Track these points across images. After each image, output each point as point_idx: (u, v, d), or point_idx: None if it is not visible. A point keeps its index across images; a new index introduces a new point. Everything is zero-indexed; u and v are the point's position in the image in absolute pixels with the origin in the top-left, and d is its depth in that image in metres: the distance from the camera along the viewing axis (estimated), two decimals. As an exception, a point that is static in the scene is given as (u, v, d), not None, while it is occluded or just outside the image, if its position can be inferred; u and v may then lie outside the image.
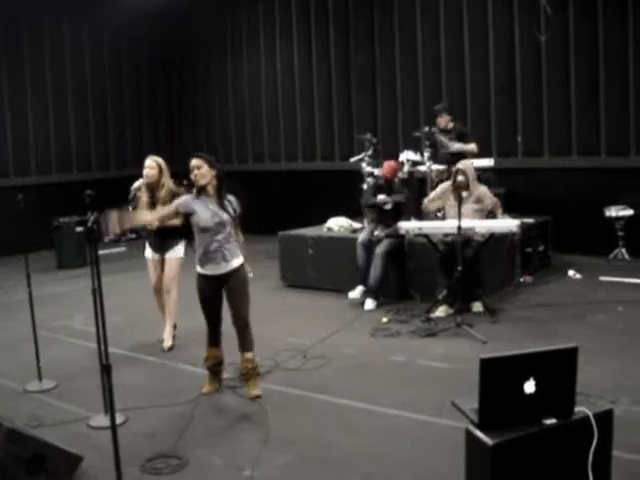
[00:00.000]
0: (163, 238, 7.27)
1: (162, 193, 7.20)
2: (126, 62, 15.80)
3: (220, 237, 5.67)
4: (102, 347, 4.54)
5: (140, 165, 7.46)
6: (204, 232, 5.68)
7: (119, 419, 4.97)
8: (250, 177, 15.18)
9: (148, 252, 7.46)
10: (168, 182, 7.28)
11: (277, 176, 14.91)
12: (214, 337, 5.96)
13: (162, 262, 7.39)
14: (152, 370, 6.71)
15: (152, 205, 7.13)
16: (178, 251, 7.36)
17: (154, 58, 16.26)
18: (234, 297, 5.77)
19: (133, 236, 14.15)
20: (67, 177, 14.49)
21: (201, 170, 5.66)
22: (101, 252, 4.86)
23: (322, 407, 5.47)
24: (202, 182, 5.66)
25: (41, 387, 6.18)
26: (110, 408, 4.10)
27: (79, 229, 12.08)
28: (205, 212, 5.67)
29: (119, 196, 14.46)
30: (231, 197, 5.87)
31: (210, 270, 5.72)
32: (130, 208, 7.29)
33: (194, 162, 5.69)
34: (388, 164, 9.14)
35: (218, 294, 5.80)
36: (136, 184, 7.42)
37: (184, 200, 5.83)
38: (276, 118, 14.95)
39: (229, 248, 5.70)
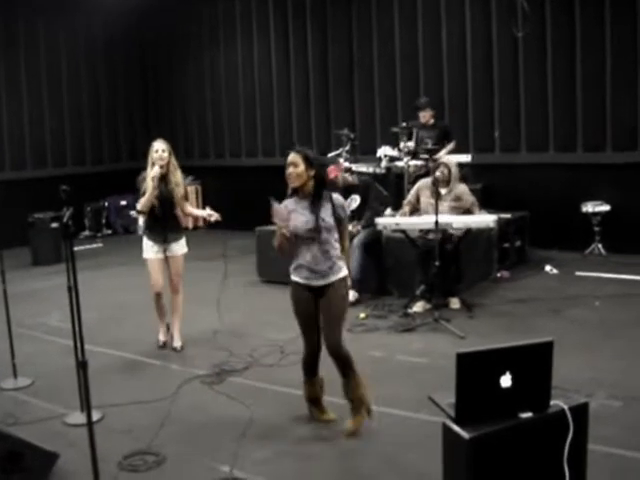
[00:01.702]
0: (169, 227, 6.94)
1: (177, 177, 6.90)
2: (101, 55, 15.63)
3: (315, 246, 4.94)
4: (78, 344, 4.52)
5: (116, 160, 7.37)
6: (297, 239, 4.97)
7: (95, 416, 4.94)
8: (227, 172, 15.15)
9: (149, 251, 6.95)
10: (177, 164, 7.00)
11: (254, 171, 14.87)
12: (309, 363, 5.20)
13: (165, 261, 7.00)
14: (129, 366, 6.67)
15: (164, 195, 6.80)
16: (183, 245, 7.06)
17: (130, 51, 16.13)
18: (326, 315, 5.00)
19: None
20: (42, 172, 14.34)
21: (297, 169, 4.96)
22: (77, 248, 4.82)
23: (300, 403, 5.46)
24: (296, 183, 4.99)
25: (16, 384, 6.14)
26: (86, 405, 4.07)
27: (54, 225, 11.98)
28: (298, 217, 4.95)
29: (95, 191, 14.64)
30: (337, 197, 5.11)
31: (304, 280, 5.02)
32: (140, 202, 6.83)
33: (291, 158, 5.00)
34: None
35: (314, 306, 5.05)
36: (153, 173, 6.74)
37: (280, 210, 4.94)
38: (253, 113, 14.90)
39: (325, 259, 4.95)
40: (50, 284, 10.06)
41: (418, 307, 8.05)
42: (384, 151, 10.01)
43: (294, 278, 5.08)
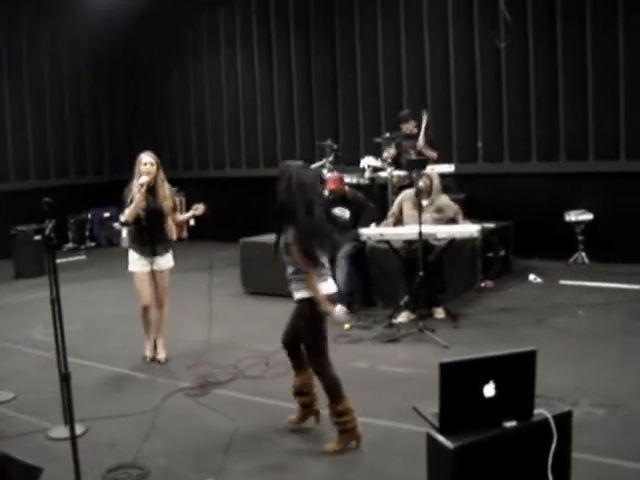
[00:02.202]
0: (157, 240, 6.81)
1: (165, 190, 6.80)
2: (85, 68, 15.60)
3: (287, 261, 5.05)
4: (61, 357, 4.50)
5: (100, 172, 7.34)
6: None
7: (79, 430, 4.91)
8: (211, 183, 15.12)
9: (135, 264, 6.83)
10: (164, 177, 6.89)
11: (238, 182, 14.85)
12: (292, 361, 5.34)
13: (151, 274, 6.86)
14: (112, 379, 6.63)
15: (151, 207, 6.68)
16: (170, 258, 6.97)
17: (113, 63, 16.10)
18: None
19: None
20: (25, 185, 14.26)
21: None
22: (59, 261, 4.80)
23: (285, 414, 5.45)
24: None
25: (-1, 398, 6.10)
26: (70, 419, 4.06)
27: (37, 237, 11.90)
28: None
29: (78, 203, 14.57)
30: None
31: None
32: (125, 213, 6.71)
33: None
34: (332, 178, 9.07)
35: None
36: (141, 180, 6.61)
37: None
38: (237, 124, 14.90)
39: (293, 279, 5.04)
40: (33, 297, 9.99)
41: (402, 317, 8.05)
42: (367, 162, 10.03)
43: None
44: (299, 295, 4.99)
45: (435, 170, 8.87)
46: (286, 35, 13.96)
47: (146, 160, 6.72)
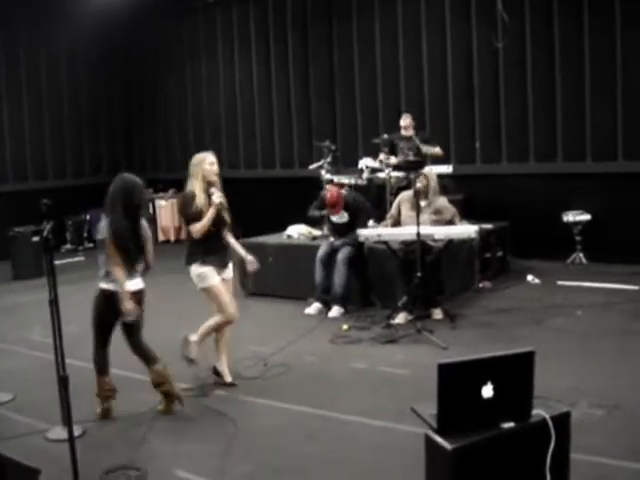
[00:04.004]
0: (226, 249, 6.33)
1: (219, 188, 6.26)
2: (83, 69, 15.61)
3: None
4: (59, 359, 4.49)
5: (97, 173, 7.28)
6: None
7: (77, 431, 4.92)
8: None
9: (213, 276, 6.12)
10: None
11: (236, 183, 14.82)
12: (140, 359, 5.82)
13: None
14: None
15: (220, 217, 6.17)
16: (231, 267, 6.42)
17: (111, 65, 16.11)
18: None
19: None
20: (23, 186, 14.28)
21: None
22: (58, 262, 4.80)
23: (283, 415, 5.45)
24: None
25: (-2, 400, 6.09)
26: (68, 420, 4.05)
27: (35, 239, 11.89)
28: None
29: (76, 205, 14.56)
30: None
31: None
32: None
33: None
34: (330, 195, 8.74)
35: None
36: (218, 198, 6.16)
37: None
38: (235, 125, 14.91)
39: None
40: (31, 298, 9.98)
41: (400, 318, 8.05)
42: (365, 162, 10.02)
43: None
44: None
45: (433, 170, 8.87)
46: (284, 36, 13.96)
47: (212, 159, 6.25)
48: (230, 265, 6.37)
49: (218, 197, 6.12)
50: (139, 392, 6.24)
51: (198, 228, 6.04)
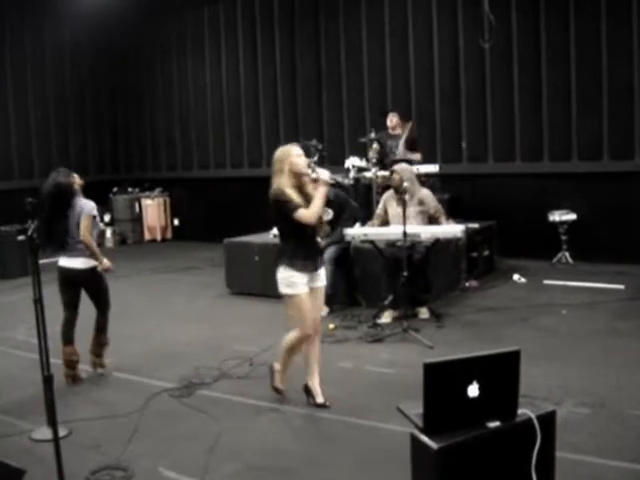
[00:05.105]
0: (318, 248, 5.62)
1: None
2: (69, 67, 15.53)
3: None
4: (44, 358, 4.47)
5: (84, 172, 7.22)
6: None
7: (62, 431, 4.89)
8: (195, 184, 15.11)
9: (299, 285, 5.39)
10: None
11: (222, 183, 14.82)
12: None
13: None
14: (96, 381, 6.59)
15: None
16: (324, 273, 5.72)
17: (98, 63, 16.02)
18: None
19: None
20: (8, 185, 14.17)
21: None
22: (43, 261, 4.77)
23: (269, 415, 5.44)
24: None
25: (-19, 400, 6.05)
26: (52, 420, 4.03)
27: (20, 238, 11.83)
28: None
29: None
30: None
31: None
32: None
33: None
34: None
35: None
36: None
37: None
38: (221, 124, 14.88)
39: None
40: (16, 297, 9.94)
41: (387, 317, 8.06)
42: (352, 162, 10.02)
43: None
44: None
45: (403, 165, 8.74)
46: (271, 35, 13.95)
47: (299, 151, 5.44)
48: (322, 271, 5.66)
49: (325, 173, 5.36)
50: (125, 392, 6.23)
51: (313, 211, 5.28)
